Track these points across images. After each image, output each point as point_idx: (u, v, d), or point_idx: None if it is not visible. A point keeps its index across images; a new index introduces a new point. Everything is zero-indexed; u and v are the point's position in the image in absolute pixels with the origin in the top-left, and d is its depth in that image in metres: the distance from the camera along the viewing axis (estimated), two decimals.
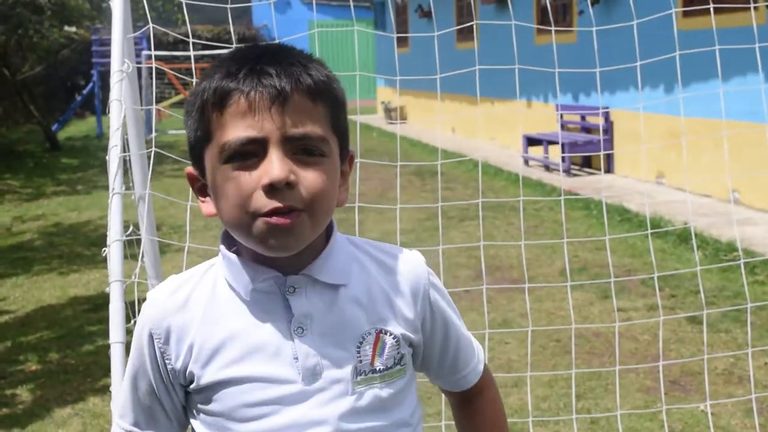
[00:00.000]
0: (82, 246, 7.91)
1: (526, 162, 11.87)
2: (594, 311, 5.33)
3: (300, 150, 1.16)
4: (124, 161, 2.34)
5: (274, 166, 1.13)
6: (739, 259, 4.58)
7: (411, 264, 1.34)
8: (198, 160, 1.24)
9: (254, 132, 1.14)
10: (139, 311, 2.50)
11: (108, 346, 2.24)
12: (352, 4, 3.59)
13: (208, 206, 1.26)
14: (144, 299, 2.80)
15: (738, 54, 3.68)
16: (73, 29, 19.64)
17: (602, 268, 6.13)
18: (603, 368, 4.33)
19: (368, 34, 20.56)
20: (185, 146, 1.28)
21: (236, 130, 1.14)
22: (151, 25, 2.50)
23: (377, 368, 1.26)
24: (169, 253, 6.56)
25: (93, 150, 15.29)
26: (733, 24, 6.42)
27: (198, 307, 1.26)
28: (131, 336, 2.30)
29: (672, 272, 5.61)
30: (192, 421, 1.31)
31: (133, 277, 2.43)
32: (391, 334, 1.27)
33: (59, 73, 20.50)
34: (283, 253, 1.19)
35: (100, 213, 9.28)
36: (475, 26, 3.09)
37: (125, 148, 2.40)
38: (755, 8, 7.14)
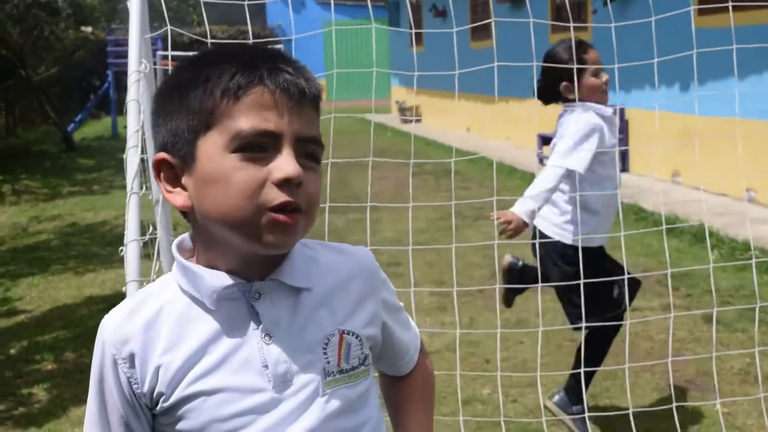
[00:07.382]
0: (98, 246, 7.96)
1: (541, 161, 11.84)
2: None
3: (305, 154, 1.19)
4: (142, 162, 2.36)
5: (290, 162, 1.15)
6: (755, 259, 4.55)
7: (363, 262, 1.34)
8: (181, 148, 1.19)
9: (271, 125, 1.15)
10: None
11: None
12: (369, 2, 3.57)
13: (179, 197, 1.20)
14: None
15: (754, 52, 3.66)
16: (89, 30, 19.72)
17: None
18: (618, 367, 4.32)
19: (382, 35, 20.56)
20: None
21: (253, 120, 1.14)
22: (169, 27, 2.51)
23: (344, 368, 1.25)
24: None
25: (108, 150, 15.36)
26: (749, 22, 6.38)
27: (160, 325, 1.21)
28: None
29: (687, 269, 5.58)
30: None
31: (151, 276, 2.44)
32: (354, 335, 1.27)
33: (74, 74, 20.61)
34: (275, 251, 1.18)
35: (116, 213, 9.32)
36: (493, 24, 3.08)
37: (143, 149, 2.41)
38: None
